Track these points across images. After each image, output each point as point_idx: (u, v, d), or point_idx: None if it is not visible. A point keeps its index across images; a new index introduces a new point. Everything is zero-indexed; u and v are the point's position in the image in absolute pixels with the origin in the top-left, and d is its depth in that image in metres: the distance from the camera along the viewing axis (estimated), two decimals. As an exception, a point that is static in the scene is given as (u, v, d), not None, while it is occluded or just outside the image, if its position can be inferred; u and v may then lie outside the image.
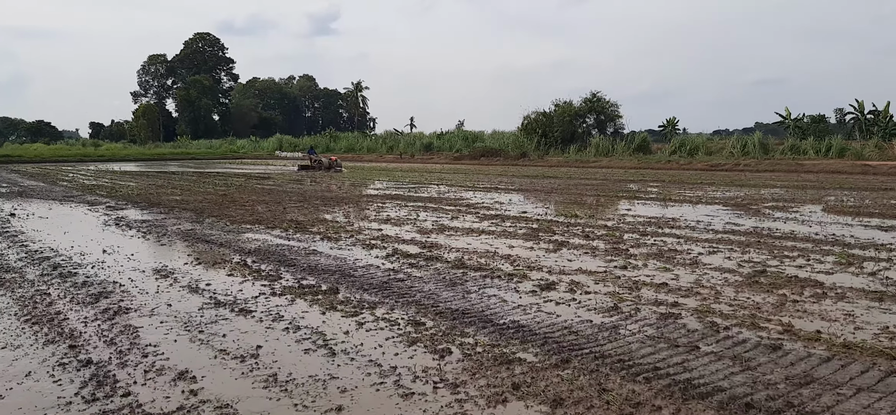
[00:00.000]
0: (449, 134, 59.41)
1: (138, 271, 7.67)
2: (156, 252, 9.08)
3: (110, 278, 7.28)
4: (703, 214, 13.02)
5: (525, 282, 6.92)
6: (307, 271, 7.58)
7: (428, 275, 7.32)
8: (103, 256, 8.67)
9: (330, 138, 67.13)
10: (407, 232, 10.69)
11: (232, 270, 7.72)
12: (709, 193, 17.81)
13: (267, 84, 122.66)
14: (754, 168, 28.77)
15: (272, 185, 22.71)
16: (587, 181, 23.22)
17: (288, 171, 33.12)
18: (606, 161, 35.90)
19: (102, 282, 7.08)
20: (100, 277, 7.32)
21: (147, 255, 8.85)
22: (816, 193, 17.81)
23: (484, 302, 6.10)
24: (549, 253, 8.68)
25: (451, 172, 30.96)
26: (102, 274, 7.53)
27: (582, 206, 14.85)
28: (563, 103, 49.23)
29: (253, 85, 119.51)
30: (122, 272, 7.62)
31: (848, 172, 25.74)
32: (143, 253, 8.98)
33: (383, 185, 22.63)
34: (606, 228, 10.97)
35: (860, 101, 41.30)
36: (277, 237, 10.23)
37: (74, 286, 6.88)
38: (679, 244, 9.22)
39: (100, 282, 7.08)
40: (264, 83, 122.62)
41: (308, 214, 13.36)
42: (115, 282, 7.09)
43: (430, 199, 16.84)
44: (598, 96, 48.17)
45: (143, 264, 8.10)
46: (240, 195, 17.87)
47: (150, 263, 8.15)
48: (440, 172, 30.39)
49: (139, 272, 7.63)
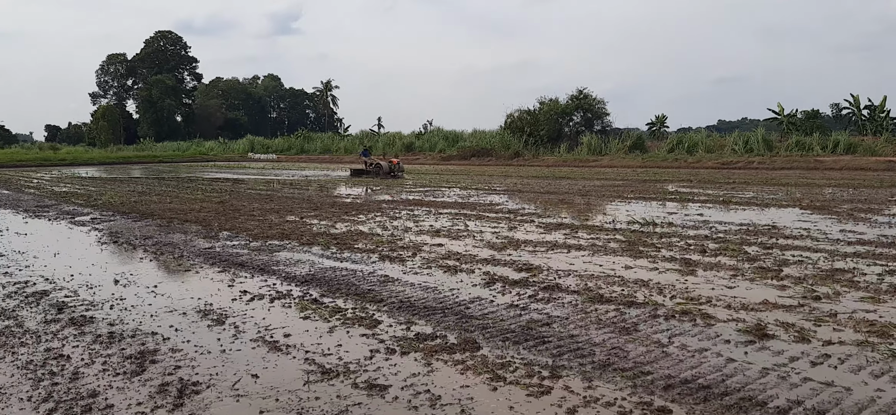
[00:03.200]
0: (429, 133, 57.56)
1: (177, 314, 5.73)
2: (183, 282, 7.11)
3: (144, 326, 5.33)
4: (795, 219, 11.45)
5: (716, 324, 5.18)
6: (402, 310, 5.74)
7: (570, 314, 5.56)
8: (118, 290, 6.68)
9: (304, 139, 64.74)
10: (474, 248, 8.91)
11: (302, 309, 5.82)
12: (761, 195, 16.31)
13: (231, 84, 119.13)
14: (770, 166, 27.55)
15: (267, 190, 20.65)
16: (606, 181, 21.64)
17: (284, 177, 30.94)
18: (607, 160, 34.45)
19: (136, 333, 5.14)
20: (129, 325, 5.37)
21: (174, 286, 6.87)
22: (882, 192, 16.43)
23: (703, 362, 4.34)
24: (684, 275, 6.96)
25: (450, 173, 29.18)
26: (130, 319, 5.57)
27: (636, 211, 13.18)
28: (549, 101, 47.91)
29: (216, 85, 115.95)
30: (155, 316, 5.67)
31: (873, 168, 24.62)
32: (168, 283, 7.01)
33: (392, 189, 20.73)
34: (708, 238, 9.30)
35: (856, 96, 40.55)
36: (322, 257, 8.35)
37: (98, 341, 4.93)
38: (837, 262, 7.56)
39: (132, 333, 5.14)
40: (228, 83, 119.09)
41: (334, 224, 11.47)
42: (153, 332, 5.14)
43: (458, 204, 15.04)
44: (585, 93, 46.90)
45: (177, 301, 6.15)
46: (240, 203, 15.84)
47: (184, 300, 6.20)
48: (440, 174, 28.60)
49: (179, 315, 5.68)
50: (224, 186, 23.01)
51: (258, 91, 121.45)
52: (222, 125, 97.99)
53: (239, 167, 41.61)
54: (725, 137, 38.43)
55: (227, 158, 59.54)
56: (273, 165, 46.55)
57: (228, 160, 55.50)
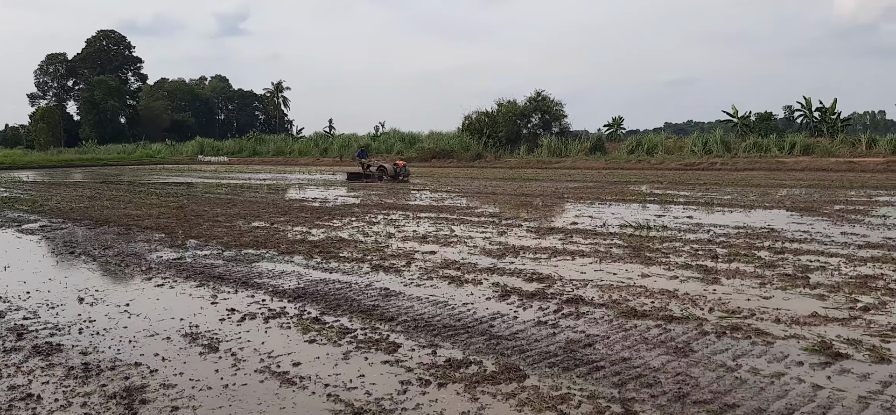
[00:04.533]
0: (385, 135, 56.71)
1: (160, 338, 4.97)
2: (158, 299, 6.31)
3: (123, 355, 4.57)
4: (788, 221, 11.17)
5: (776, 343, 4.70)
6: (419, 329, 5.10)
7: (609, 332, 5.01)
8: (85, 310, 5.87)
9: (256, 141, 63.15)
10: (471, 255, 8.32)
11: (304, 330, 5.13)
12: (739, 197, 16.12)
13: (177, 85, 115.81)
14: (732, 167, 27.66)
15: (227, 193, 19.70)
16: (577, 183, 21.31)
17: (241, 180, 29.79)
18: (569, 162, 34.23)
19: (115, 363, 4.38)
20: (105, 353, 4.60)
21: (149, 304, 6.08)
22: (859, 193, 16.41)
23: (788, 390, 3.84)
24: (708, 284, 6.49)
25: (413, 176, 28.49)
26: (105, 346, 4.79)
27: (621, 213, 12.77)
28: (507, 102, 47.68)
29: (162, 86, 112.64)
30: (134, 342, 4.90)
31: (835, 169, 24.88)
32: (141, 301, 6.21)
33: (357, 191, 19.99)
34: (711, 242, 8.90)
35: (808, 99, 41.31)
36: (308, 268, 7.65)
37: (72, 375, 4.16)
38: (859, 267, 7.20)
39: (111, 364, 4.38)
40: (174, 84, 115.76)
41: (309, 230, 10.74)
42: (136, 363, 4.39)
43: (434, 207, 14.42)
44: (543, 95, 46.81)
45: (156, 323, 5.38)
46: (201, 208, 14.92)
47: (165, 321, 5.43)
48: (402, 176, 27.88)
49: (162, 340, 4.92)
50: (179, 189, 21.93)
51: (205, 92, 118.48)
52: (169, 127, 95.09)
53: (190, 171, 40.14)
54: (684, 139, 38.69)
55: (175, 160, 57.66)
56: (226, 168, 45.14)
57: (177, 163, 53.70)
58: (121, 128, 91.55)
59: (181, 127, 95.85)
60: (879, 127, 67.56)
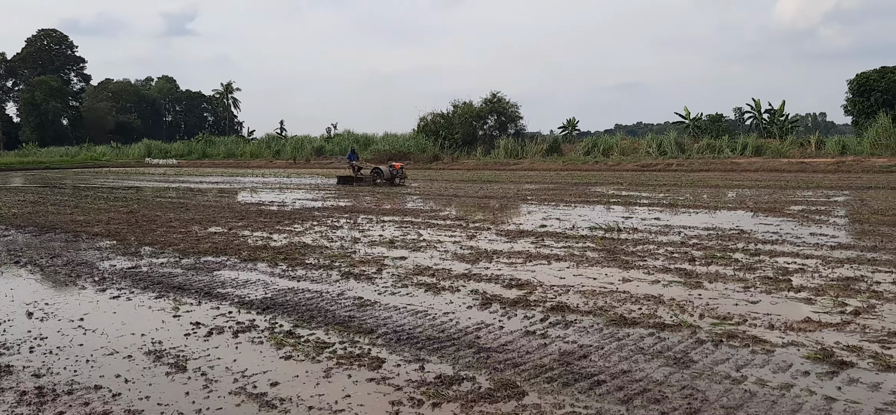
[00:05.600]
0: (339, 136, 55.99)
1: (120, 357, 4.56)
2: (115, 313, 5.86)
3: (81, 376, 4.16)
4: (755, 223, 11.20)
5: (776, 351, 4.54)
6: (401, 342, 4.81)
7: (602, 342, 4.79)
8: (35, 325, 5.41)
9: (206, 143, 61.75)
10: (443, 261, 8.06)
11: (278, 345, 4.78)
12: (700, 198, 16.20)
13: (122, 86, 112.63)
14: (687, 168, 27.98)
15: (180, 197, 19.04)
16: (537, 185, 21.23)
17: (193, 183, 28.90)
18: (526, 163, 34.24)
19: (73, 387, 3.98)
20: (61, 375, 4.18)
21: (105, 319, 5.64)
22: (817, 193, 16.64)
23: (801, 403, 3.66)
24: (692, 289, 6.36)
25: (370, 177, 28.08)
26: (60, 366, 4.37)
27: (588, 215, 12.67)
28: (463, 104, 47.52)
29: (106, 87, 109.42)
30: (92, 361, 4.48)
31: (787, 170, 25.36)
32: (96, 315, 5.76)
33: (315, 194, 19.54)
34: (684, 245, 8.81)
35: (757, 101, 42.19)
36: (274, 276, 7.28)
37: (25, 402, 3.76)
38: (837, 269, 7.15)
39: (68, 387, 3.98)
40: (119, 85, 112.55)
41: (270, 235, 10.33)
42: (97, 386, 3.99)
43: (399, 211, 14.11)
44: (499, 97, 46.79)
45: (115, 340, 4.96)
46: (152, 212, 14.32)
47: (125, 338, 5.02)
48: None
49: (123, 359, 4.51)
50: (128, 194, 21.14)
51: (152, 93, 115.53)
52: (113, 129, 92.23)
53: (138, 174, 38.95)
54: (639, 140, 39.09)
55: (122, 163, 55.94)
56: (175, 171, 43.94)
57: (124, 166, 52.12)
58: (63, 130, 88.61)
59: (127, 129, 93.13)
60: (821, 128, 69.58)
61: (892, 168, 24.04)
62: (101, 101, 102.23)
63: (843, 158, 26.65)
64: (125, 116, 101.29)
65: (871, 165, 24.76)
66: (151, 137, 78.46)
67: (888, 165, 24.49)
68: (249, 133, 79.24)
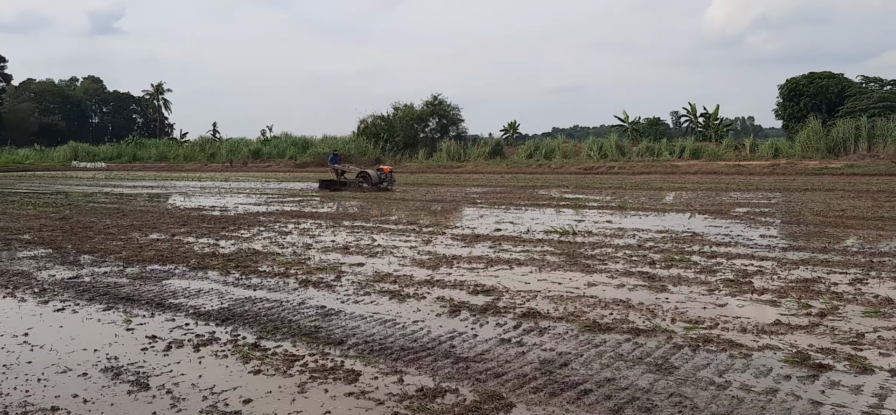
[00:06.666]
0: (277, 139, 54.99)
1: (74, 375, 4.23)
2: (62, 326, 5.48)
3: (34, 398, 3.84)
4: (706, 225, 11.39)
5: (753, 354, 4.53)
6: (374, 353, 4.63)
7: (581, 349, 4.71)
8: (-29, 344, 4.98)
9: (136, 146, 59.81)
10: (402, 267, 7.92)
11: (244, 359, 4.53)
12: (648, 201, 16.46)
13: (45, 86, 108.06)
14: (629, 171, 28.49)
15: (112, 201, 18.28)
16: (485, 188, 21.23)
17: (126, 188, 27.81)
18: (470, 166, 34.31)
19: (25, 408, 3.68)
20: (11, 397, 3.86)
21: (52, 333, 5.25)
22: (757, 195, 17.10)
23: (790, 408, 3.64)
24: (658, 292, 6.36)
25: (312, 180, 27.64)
26: (9, 387, 4.03)
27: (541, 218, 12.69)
28: (404, 107, 47.39)
29: (28, 87, 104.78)
30: (44, 380, 4.14)
31: (725, 172, 26.07)
32: (42, 329, 5.37)
33: (256, 198, 19.05)
34: (641, 248, 8.87)
35: (693, 105, 43.41)
36: (228, 285, 6.98)
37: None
38: (794, 271, 7.29)
39: (20, 407, 3.67)
40: (42, 85, 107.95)
41: (216, 242, 9.98)
42: (53, 407, 3.68)
43: (348, 215, 13.85)
44: (440, 99, 46.85)
45: (67, 356, 4.61)
46: (87, 219, 13.68)
47: (77, 354, 4.67)
48: (301, 182, 26.96)
49: (78, 377, 4.19)
50: (57, 199, 20.20)
51: (77, 94, 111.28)
52: (36, 131, 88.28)
53: (65, 178, 37.36)
54: (581, 143, 39.64)
55: (46, 166, 53.66)
56: (105, 175, 42.36)
57: (49, 170, 49.97)
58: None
59: (51, 131, 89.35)
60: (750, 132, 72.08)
61: (823, 170, 25.02)
62: (23, 103, 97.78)
63: (778, 161, 27.65)
64: (49, 118, 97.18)
65: (805, 167, 25.73)
66: (78, 139, 75.57)
67: (820, 168, 25.50)
68: (182, 135, 77.20)
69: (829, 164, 26.23)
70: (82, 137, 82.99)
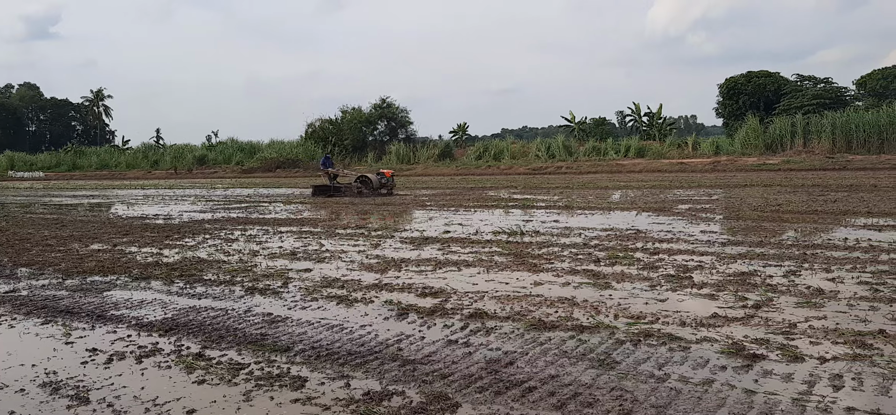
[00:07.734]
0: (223, 144, 54.08)
1: (11, 391, 4.12)
2: None
3: (-36, 421, 3.71)
4: (649, 222, 11.65)
5: (691, 347, 4.68)
6: (321, 359, 4.63)
7: (526, 347, 4.78)
8: None
9: (75, 154, 58.10)
10: (350, 271, 7.92)
11: (188, 369, 4.47)
12: (593, 200, 16.74)
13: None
14: (577, 170, 28.93)
15: (51, 212, 17.75)
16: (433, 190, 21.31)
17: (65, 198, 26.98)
18: (420, 168, 34.37)
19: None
20: (-62, 422, 3.72)
21: (-15, 351, 5.10)
22: (699, 192, 17.54)
23: (726, 396, 3.78)
24: (602, 290, 6.50)
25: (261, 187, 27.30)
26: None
27: (489, 220, 12.80)
28: (352, 110, 47.21)
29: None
30: (-26, 401, 4.02)
31: (668, 170, 26.68)
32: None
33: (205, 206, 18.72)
34: (586, 246, 9.03)
35: (637, 104, 44.31)
36: (171, 294, 6.87)
37: None
38: (732, 265, 7.52)
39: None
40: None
41: (160, 251, 9.80)
42: (-17, 431, 3.57)
43: (296, 220, 13.74)
44: (388, 102, 46.83)
45: (2, 372, 4.49)
46: (24, 230, 13.28)
47: (14, 369, 4.55)
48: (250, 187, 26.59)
49: (15, 394, 4.08)
50: (-7, 210, 19.49)
51: (13, 101, 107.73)
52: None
53: (0, 189, 36.06)
54: (529, 144, 40.05)
55: (-20, 177, 51.72)
56: (43, 184, 41.05)
57: (-17, 180, 48.18)
58: None
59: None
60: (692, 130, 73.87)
61: (762, 167, 25.83)
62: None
63: (718, 158, 28.44)
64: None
65: (744, 164, 26.52)
66: (13, 148, 73.12)
67: (758, 164, 26.33)
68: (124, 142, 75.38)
69: (767, 160, 27.17)
70: (18, 146, 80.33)
